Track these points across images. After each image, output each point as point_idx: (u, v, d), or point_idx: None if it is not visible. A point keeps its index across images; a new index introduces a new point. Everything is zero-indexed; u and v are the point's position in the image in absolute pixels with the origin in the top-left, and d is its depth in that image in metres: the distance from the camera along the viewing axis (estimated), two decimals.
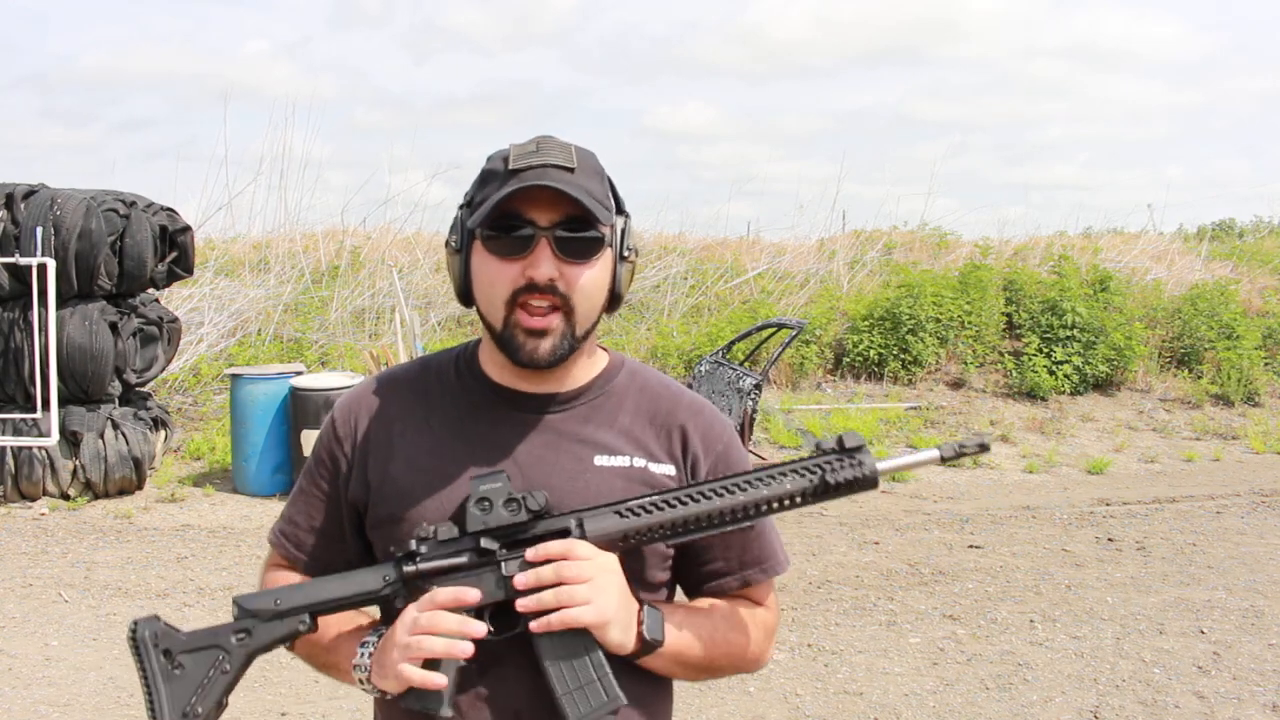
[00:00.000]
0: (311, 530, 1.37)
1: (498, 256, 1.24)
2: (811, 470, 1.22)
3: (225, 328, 9.72)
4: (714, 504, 1.21)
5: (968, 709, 3.95)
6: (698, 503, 1.21)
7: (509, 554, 1.19)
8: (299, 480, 1.41)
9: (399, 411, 1.34)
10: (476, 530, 1.20)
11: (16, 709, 3.89)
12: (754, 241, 13.84)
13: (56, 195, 6.64)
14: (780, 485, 1.22)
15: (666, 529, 1.21)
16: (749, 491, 1.21)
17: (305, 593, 1.24)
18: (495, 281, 1.24)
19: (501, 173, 1.23)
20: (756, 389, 6.93)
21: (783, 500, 1.22)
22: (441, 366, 1.38)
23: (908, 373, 10.21)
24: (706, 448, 1.35)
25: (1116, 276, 11.49)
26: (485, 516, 1.19)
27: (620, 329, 10.65)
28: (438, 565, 1.20)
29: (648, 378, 1.40)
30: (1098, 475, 8.09)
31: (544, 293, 1.23)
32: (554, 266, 1.22)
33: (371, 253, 11.72)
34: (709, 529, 1.22)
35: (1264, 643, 4.61)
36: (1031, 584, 5.42)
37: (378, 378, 1.41)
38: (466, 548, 1.20)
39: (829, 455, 1.23)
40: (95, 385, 6.72)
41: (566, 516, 1.21)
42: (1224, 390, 10.28)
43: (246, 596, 1.25)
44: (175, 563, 5.62)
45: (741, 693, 4.06)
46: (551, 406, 1.32)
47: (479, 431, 1.31)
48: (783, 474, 1.22)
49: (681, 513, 1.21)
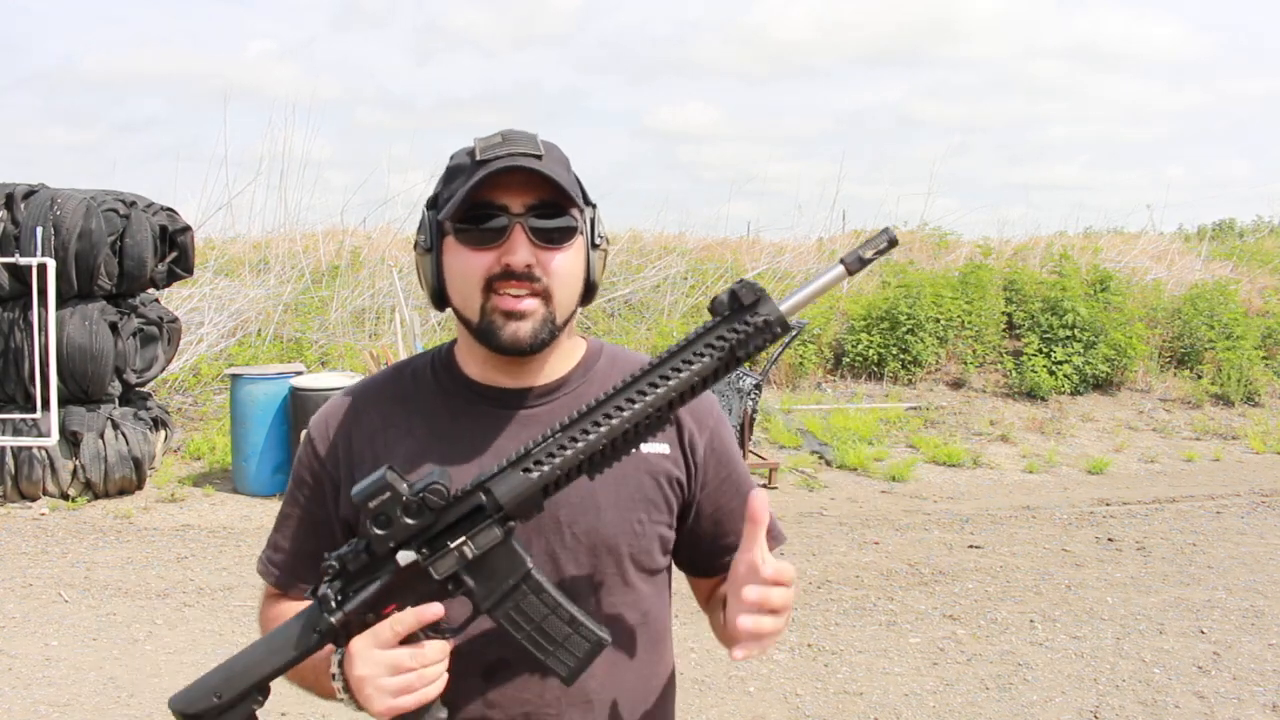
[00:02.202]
0: (299, 554, 1.34)
1: (471, 247, 1.21)
2: (715, 344, 1.09)
3: (225, 328, 9.72)
4: (626, 417, 1.10)
5: (968, 709, 3.95)
6: (606, 424, 1.10)
7: (430, 554, 1.13)
8: (281, 506, 1.38)
9: (379, 420, 1.32)
10: (386, 549, 1.12)
11: (16, 709, 3.89)
12: (754, 241, 13.85)
13: (56, 195, 6.64)
14: (688, 372, 1.09)
15: (586, 463, 1.11)
16: (658, 391, 1.09)
17: (244, 671, 1.17)
18: (468, 272, 1.21)
19: (469, 165, 1.22)
20: (756, 389, 6.93)
21: (695, 387, 1.10)
22: (417, 370, 1.36)
23: (907, 373, 10.21)
24: (700, 424, 1.35)
25: (1116, 276, 11.49)
26: (390, 532, 1.11)
27: (620, 329, 10.66)
28: (363, 600, 1.13)
29: (626, 359, 1.38)
30: (1098, 475, 8.09)
31: (521, 280, 1.20)
32: (530, 252, 1.20)
33: (371, 253, 11.72)
34: (632, 444, 1.12)
35: (1264, 643, 4.61)
36: (1031, 584, 5.42)
37: (350, 390, 1.38)
38: (383, 567, 1.13)
39: (731, 321, 1.09)
40: (95, 385, 6.72)
41: (472, 492, 1.13)
42: (1224, 390, 10.28)
43: (183, 699, 1.17)
44: (175, 563, 5.62)
45: (741, 693, 4.06)
46: (533, 400, 1.31)
47: (463, 432, 1.29)
48: (686, 360, 1.09)
49: (596, 440, 1.10)
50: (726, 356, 1.10)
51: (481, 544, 1.13)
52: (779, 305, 1.10)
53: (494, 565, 1.15)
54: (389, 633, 1.12)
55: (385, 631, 1.12)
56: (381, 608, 1.14)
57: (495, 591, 1.15)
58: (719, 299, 1.10)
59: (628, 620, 1.31)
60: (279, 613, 1.34)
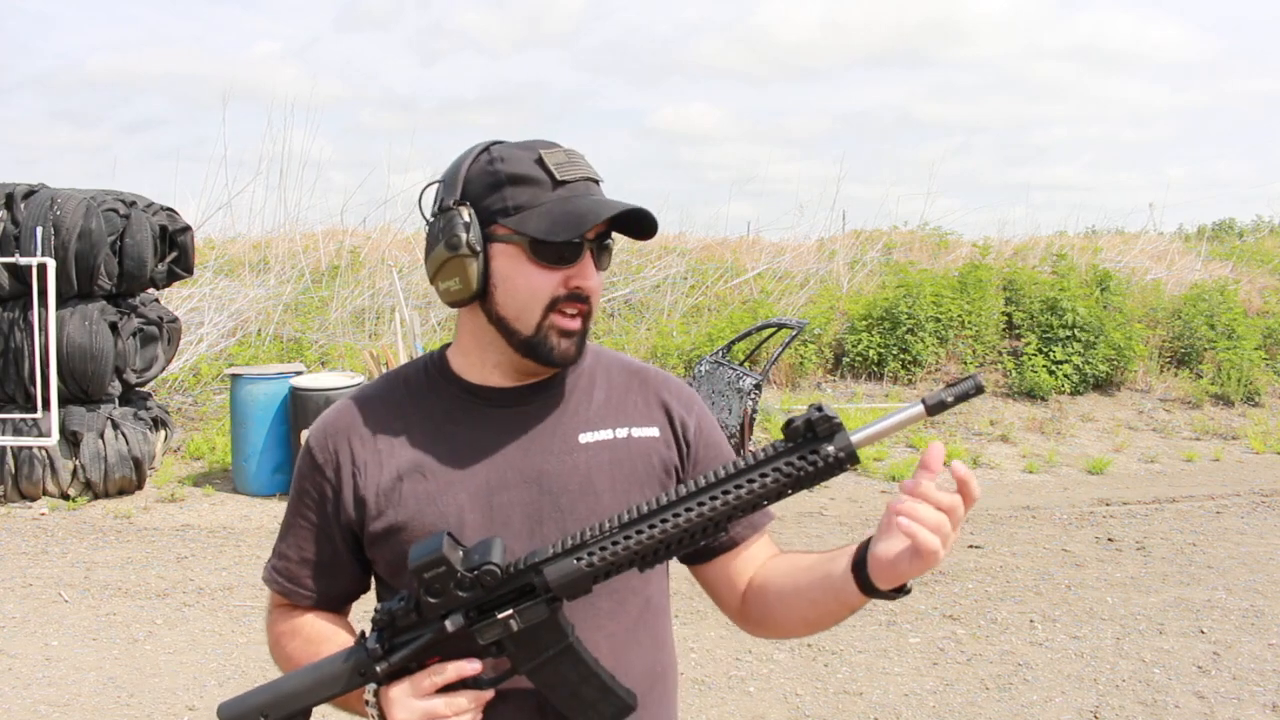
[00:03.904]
0: (304, 563, 1.37)
1: (544, 264, 1.24)
2: (783, 469, 1.11)
3: (225, 328, 9.72)
4: (682, 523, 1.12)
5: (968, 709, 3.95)
6: (662, 528, 1.13)
7: (479, 620, 1.17)
8: (285, 516, 1.40)
9: (377, 427, 1.34)
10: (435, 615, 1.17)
11: (16, 709, 3.89)
12: (754, 241, 13.86)
13: (56, 195, 6.64)
14: (749, 491, 1.11)
15: (637, 558, 1.14)
16: (716, 504, 1.12)
17: (291, 696, 1.22)
18: (537, 289, 1.25)
19: (544, 180, 1.24)
20: (756, 389, 6.93)
21: (755, 505, 1.12)
22: (411, 377, 1.39)
23: (907, 372, 10.21)
24: (687, 409, 1.40)
25: (1116, 276, 11.49)
26: (442, 602, 1.16)
27: (620, 329, 10.66)
28: (408, 655, 1.19)
29: (610, 356, 1.44)
30: (1098, 475, 8.09)
31: (581, 301, 1.26)
32: (596, 276, 1.27)
33: (371, 253, 11.73)
34: (685, 547, 1.15)
35: (1264, 643, 4.61)
36: (1031, 584, 5.42)
37: (348, 400, 1.40)
38: (430, 628, 1.18)
39: (803, 449, 1.11)
40: (95, 385, 6.72)
41: (525, 572, 1.16)
42: (1224, 390, 10.28)
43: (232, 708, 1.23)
44: (175, 563, 5.62)
45: (741, 693, 4.06)
46: (528, 397, 1.34)
47: (462, 433, 1.32)
48: (751, 479, 1.12)
49: (650, 542, 1.13)
50: (791, 484, 1.12)
51: (528, 619, 1.16)
52: (852, 438, 1.12)
53: (536, 635, 1.18)
54: (428, 683, 1.17)
55: (424, 682, 1.17)
56: (424, 660, 1.19)
57: (535, 659, 1.19)
58: (795, 424, 1.12)
59: (630, 605, 1.33)
60: (289, 628, 1.37)
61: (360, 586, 1.40)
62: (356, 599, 1.42)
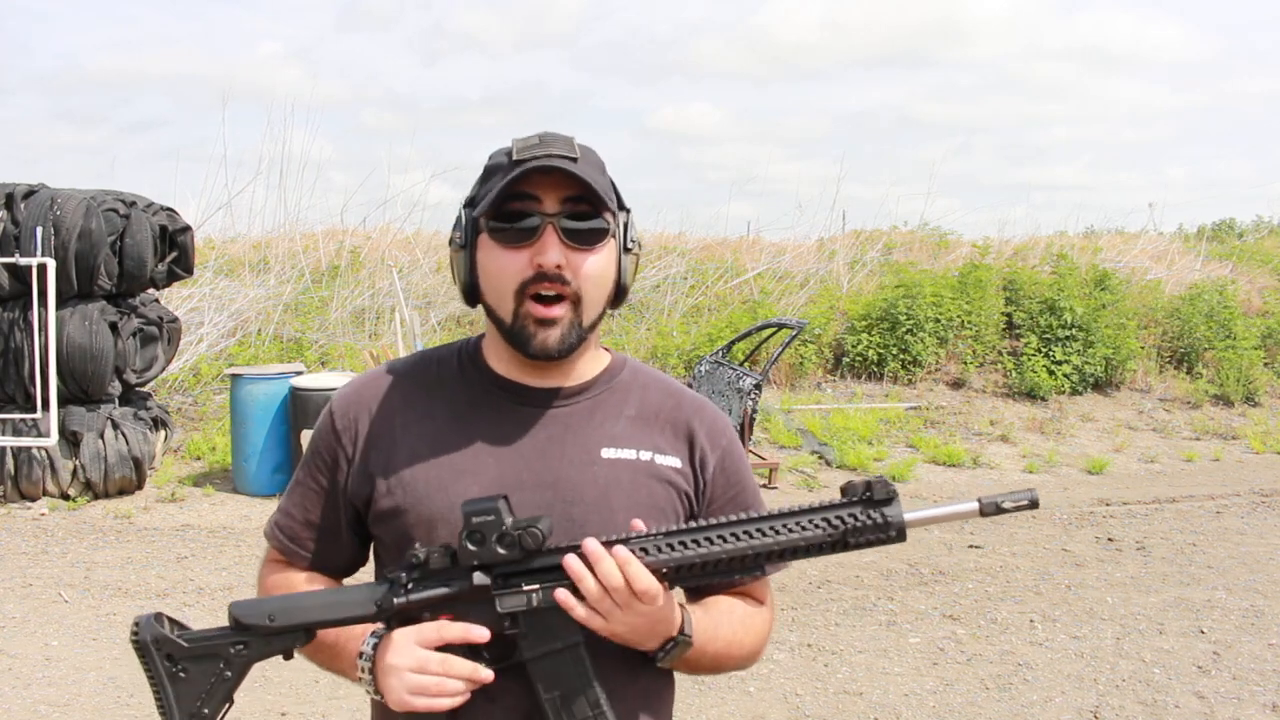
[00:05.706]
0: (308, 525, 1.36)
1: (504, 245, 1.24)
2: (833, 523, 1.14)
3: (225, 328, 9.72)
4: (726, 548, 1.15)
5: (968, 709, 3.95)
6: (706, 546, 1.15)
7: (503, 587, 1.17)
8: (296, 473, 1.40)
9: (401, 404, 1.34)
10: (469, 565, 1.17)
11: (16, 709, 3.89)
12: (754, 241, 13.84)
13: (56, 195, 6.64)
14: (797, 535, 1.14)
15: (673, 571, 1.16)
16: (764, 539, 1.15)
17: (300, 609, 1.23)
18: (503, 272, 1.24)
19: (506, 164, 1.24)
20: (756, 389, 6.92)
21: (798, 551, 1.15)
22: (444, 359, 1.38)
23: (907, 373, 10.22)
24: (713, 443, 1.36)
25: (1114, 276, 11.49)
26: (479, 552, 1.16)
27: (620, 329, 10.66)
28: (428, 596, 1.19)
29: (650, 376, 1.41)
30: (1098, 475, 8.09)
31: (552, 281, 1.23)
32: (561, 253, 1.23)
33: (371, 253, 11.72)
34: (722, 574, 1.17)
35: (1264, 643, 4.61)
36: (1031, 584, 5.42)
37: (377, 371, 1.39)
38: (458, 578, 1.18)
39: (854, 506, 1.15)
40: (95, 385, 6.72)
41: (564, 550, 1.17)
42: (1223, 390, 10.28)
43: (242, 607, 1.23)
44: (175, 563, 5.62)
45: (741, 693, 4.06)
46: (556, 400, 1.32)
47: (483, 424, 1.31)
48: (800, 523, 1.15)
49: (691, 556, 1.15)
50: (838, 537, 1.15)
51: (550, 600, 1.17)
52: (904, 514, 1.15)
53: (551, 623, 1.18)
54: (432, 634, 1.17)
55: (429, 631, 1.17)
56: (439, 612, 1.19)
57: (541, 647, 1.19)
58: (854, 484, 1.15)
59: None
60: (282, 581, 1.37)
61: (358, 559, 1.40)
62: (353, 572, 1.41)
